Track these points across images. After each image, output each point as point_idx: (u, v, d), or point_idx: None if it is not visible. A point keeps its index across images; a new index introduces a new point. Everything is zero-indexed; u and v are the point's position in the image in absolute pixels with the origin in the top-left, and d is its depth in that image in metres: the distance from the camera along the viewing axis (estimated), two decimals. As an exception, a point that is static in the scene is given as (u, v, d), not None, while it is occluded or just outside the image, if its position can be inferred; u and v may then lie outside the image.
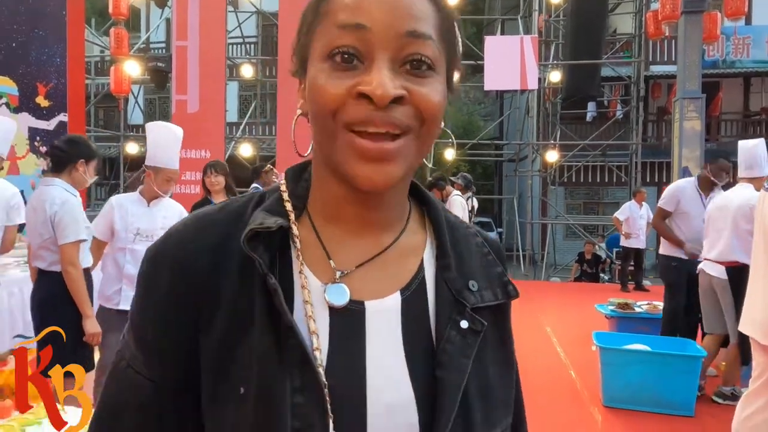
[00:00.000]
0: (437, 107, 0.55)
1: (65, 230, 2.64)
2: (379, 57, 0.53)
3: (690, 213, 4.36)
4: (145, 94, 17.40)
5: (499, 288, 0.66)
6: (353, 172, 0.54)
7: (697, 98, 9.52)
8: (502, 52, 10.30)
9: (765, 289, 2.34)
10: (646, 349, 3.80)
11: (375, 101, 0.51)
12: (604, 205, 16.27)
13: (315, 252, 0.60)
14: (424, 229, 0.67)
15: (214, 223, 0.60)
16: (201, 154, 10.29)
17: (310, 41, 0.57)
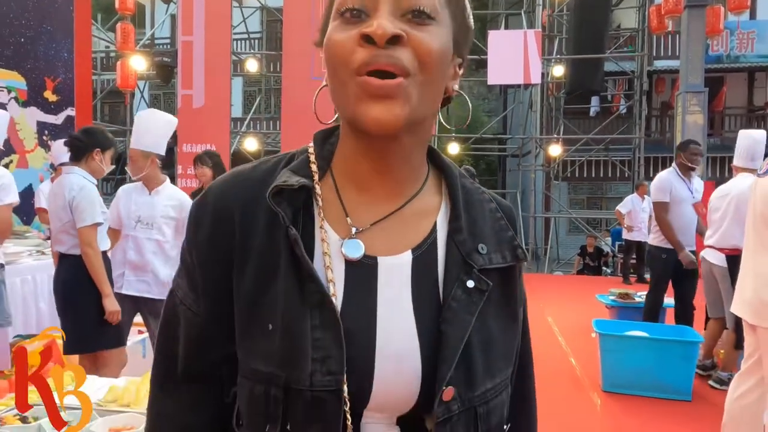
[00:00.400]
0: (436, 52, 0.60)
1: (83, 214, 2.75)
2: (382, 7, 0.58)
3: (680, 198, 4.46)
4: (150, 89, 17.51)
5: (509, 251, 0.70)
6: (363, 113, 0.58)
7: (699, 92, 9.55)
8: (506, 46, 10.34)
9: (755, 270, 2.42)
10: (645, 335, 3.87)
11: (375, 39, 0.57)
12: (607, 199, 16.30)
13: (336, 209, 0.66)
14: (440, 192, 0.71)
15: (247, 179, 0.67)
16: (206, 148, 10.37)
17: (330, 12, 0.64)
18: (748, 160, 3.89)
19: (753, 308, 2.40)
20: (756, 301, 2.38)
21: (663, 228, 4.45)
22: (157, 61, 10.87)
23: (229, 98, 10.65)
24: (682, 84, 9.87)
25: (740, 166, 3.98)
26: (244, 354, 0.64)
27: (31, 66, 7.36)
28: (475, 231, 0.68)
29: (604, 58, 11.51)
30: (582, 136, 13.03)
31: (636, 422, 3.48)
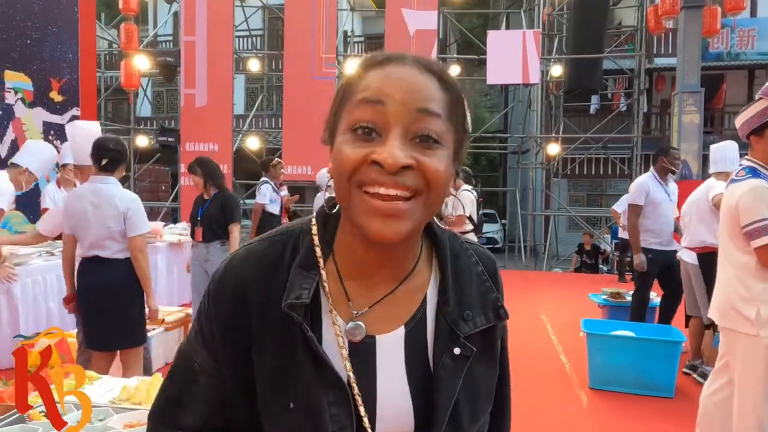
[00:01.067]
0: (443, 175, 0.65)
1: (137, 224, 3.02)
2: (393, 129, 0.63)
3: (658, 201, 4.68)
4: (153, 87, 17.65)
5: (492, 312, 0.77)
6: (366, 226, 0.64)
7: (696, 92, 9.65)
8: (505, 46, 10.44)
9: (720, 279, 2.57)
10: (630, 335, 4.02)
11: (385, 168, 0.61)
12: (607, 197, 16.40)
13: (340, 294, 0.73)
14: (431, 264, 0.78)
15: (261, 262, 0.73)
16: (209, 147, 10.53)
17: (339, 116, 0.69)
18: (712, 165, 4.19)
19: (720, 311, 2.55)
20: (722, 305, 2.53)
21: (631, 229, 4.73)
22: (161, 60, 10.99)
23: (232, 97, 10.78)
24: (678, 84, 9.96)
25: (716, 171, 4.21)
26: (269, 425, 0.72)
27: (37, 67, 7.49)
28: (462, 299, 0.75)
29: (602, 57, 11.58)
30: (581, 135, 13.12)
31: (620, 418, 3.63)
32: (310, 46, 10.55)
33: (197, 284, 4.51)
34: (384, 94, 0.64)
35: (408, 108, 0.63)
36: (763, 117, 2.42)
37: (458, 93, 0.69)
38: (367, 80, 0.66)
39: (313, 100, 10.42)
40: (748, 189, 2.38)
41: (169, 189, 14.97)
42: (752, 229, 2.34)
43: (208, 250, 4.43)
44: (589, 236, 11.02)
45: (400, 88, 0.64)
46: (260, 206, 6.13)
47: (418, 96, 0.64)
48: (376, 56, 0.69)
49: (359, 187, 0.64)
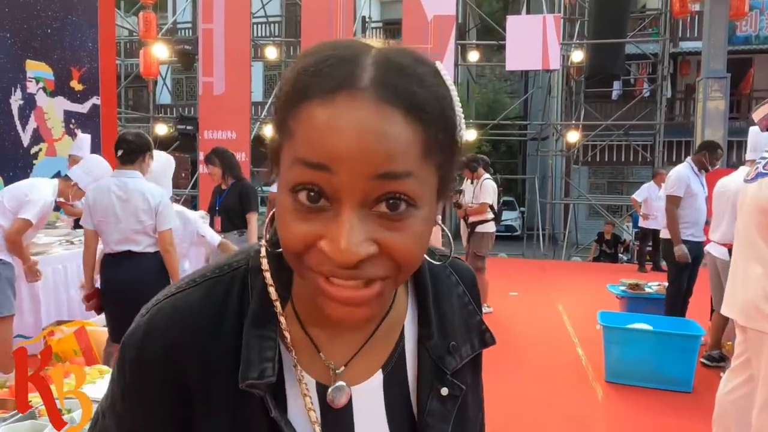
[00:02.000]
0: (417, 251, 0.50)
1: (167, 218, 3.07)
2: (345, 204, 0.47)
3: (695, 193, 4.65)
4: (172, 74, 17.76)
5: (477, 337, 0.68)
6: (326, 311, 0.51)
7: (722, 78, 9.40)
8: (525, 31, 10.27)
9: (744, 274, 2.50)
10: (647, 328, 3.96)
11: (339, 265, 0.47)
12: (628, 184, 16.15)
13: (304, 346, 0.59)
14: (406, 292, 0.65)
15: (193, 315, 0.57)
16: (227, 134, 10.58)
17: (280, 148, 0.51)
18: (748, 152, 3.97)
19: (743, 311, 2.48)
20: (745, 305, 2.46)
21: (670, 220, 4.64)
22: (179, 49, 11.04)
23: (249, 85, 10.80)
24: (703, 69, 9.72)
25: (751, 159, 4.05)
26: None
27: (58, 56, 7.57)
28: (445, 328, 0.64)
29: (624, 42, 11.33)
30: (601, 121, 12.90)
31: (636, 413, 3.60)
32: (328, 32, 10.49)
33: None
34: (329, 156, 0.45)
35: (364, 175, 0.46)
36: None
37: (443, 114, 0.49)
38: (307, 122, 0.47)
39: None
40: None
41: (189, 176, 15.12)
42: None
43: (229, 240, 4.47)
44: (610, 225, 10.88)
45: (350, 145, 0.45)
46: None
47: (378, 154, 0.45)
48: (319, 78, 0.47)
49: (318, 275, 0.49)
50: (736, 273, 2.58)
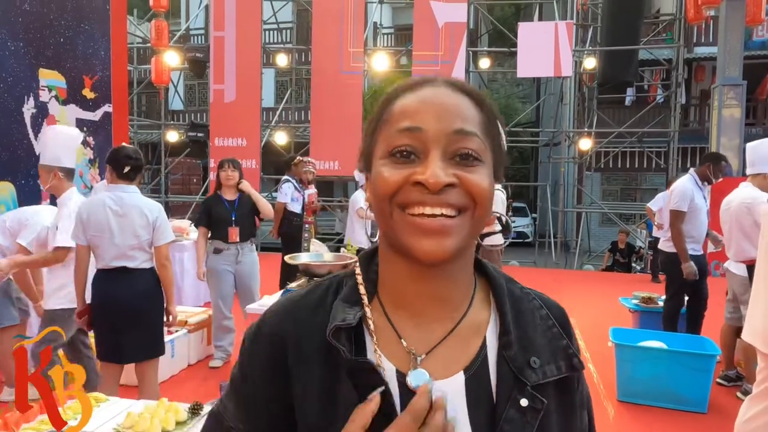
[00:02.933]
0: (486, 190, 0.63)
1: (165, 233, 3.06)
2: (432, 151, 0.61)
3: (699, 208, 4.54)
4: (185, 80, 17.87)
5: (563, 361, 0.68)
6: (412, 245, 0.61)
7: (737, 85, 9.26)
8: (536, 38, 10.18)
9: (765, 301, 2.41)
10: (661, 346, 3.87)
11: (428, 187, 0.60)
12: (641, 191, 15.97)
13: (387, 334, 0.67)
14: (488, 305, 0.71)
15: (299, 307, 0.70)
16: (237, 142, 10.61)
17: (375, 142, 0.67)
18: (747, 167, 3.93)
19: (764, 337, 2.40)
20: (766, 331, 2.38)
21: (675, 235, 4.49)
22: (190, 56, 11.09)
23: (260, 93, 10.82)
24: (718, 76, 9.58)
25: (753, 173, 4.00)
26: None
27: (70, 65, 7.62)
28: (526, 344, 0.67)
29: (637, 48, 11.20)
30: (614, 128, 12.76)
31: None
32: (338, 40, 10.48)
33: (226, 288, 4.45)
34: (419, 119, 0.63)
35: (445, 130, 0.62)
36: None
37: (492, 112, 0.68)
38: (400, 107, 0.65)
39: (340, 95, 10.38)
40: None
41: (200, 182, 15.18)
42: None
43: (242, 250, 4.45)
44: (624, 234, 10.72)
45: (434, 111, 0.63)
46: (281, 205, 6.12)
47: (453, 117, 0.63)
48: (406, 82, 0.69)
49: (402, 208, 0.62)
50: (757, 298, 2.50)
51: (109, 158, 3.04)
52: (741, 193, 4.02)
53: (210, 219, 4.45)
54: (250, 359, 0.70)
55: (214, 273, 4.43)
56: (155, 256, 3.06)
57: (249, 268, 4.49)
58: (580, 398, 0.72)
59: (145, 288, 2.99)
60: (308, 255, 3.59)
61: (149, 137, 17.05)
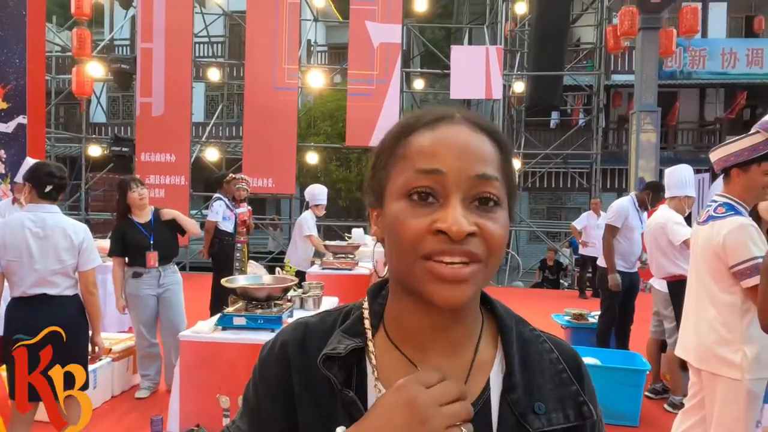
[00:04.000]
0: (503, 240, 0.62)
1: (90, 256, 2.83)
2: (453, 196, 0.60)
3: (633, 227, 4.83)
4: (108, 92, 17.07)
5: (572, 409, 0.66)
6: (431, 292, 0.60)
7: (653, 111, 9.90)
8: (468, 61, 10.49)
9: (696, 316, 2.52)
10: (595, 363, 3.99)
11: (452, 236, 0.58)
12: (566, 210, 16.69)
13: (392, 367, 0.66)
14: (495, 344, 0.70)
15: (312, 334, 0.70)
16: (166, 157, 10.20)
17: (387, 177, 0.65)
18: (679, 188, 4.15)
19: (697, 354, 2.50)
20: (699, 348, 2.48)
21: (606, 249, 4.81)
22: (115, 67, 10.59)
23: (190, 107, 10.48)
24: (636, 103, 10.20)
25: (670, 196, 4.25)
26: None
27: (-20, 73, 7.11)
28: (532, 388, 0.66)
29: (562, 74, 11.77)
30: (541, 149, 13.31)
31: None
32: (273, 55, 10.35)
33: (148, 312, 4.12)
34: (440, 162, 0.61)
35: (466, 174, 0.61)
36: (755, 152, 2.34)
37: (509, 151, 0.67)
38: (418, 144, 0.63)
39: (274, 111, 10.22)
40: (734, 227, 2.30)
41: (123, 198, 14.45)
42: (743, 268, 2.26)
43: (164, 272, 4.15)
44: (553, 252, 11.14)
45: (456, 153, 0.61)
46: (212, 224, 5.89)
47: (475, 160, 0.62)
48: (422, 116, 0.66)
49: (424, 258, 0.60)
50: (688, 315, 2.60)
51: (30, 176, 2.78)
52: (659, 214, 4.26)
53: (125, 246, 4.06)
54: (260, 377, 0.71)
55: (135, 299, 4.08)
56: (81, 283, 2.82)
57: (173, 290, 4.18)
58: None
59: (68, 317, 2.73)
60: (246, 278, 3.43)
61: (68, 151, 16.10)
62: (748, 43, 15.61)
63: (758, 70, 15.30)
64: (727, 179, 2.48)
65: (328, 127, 13.08)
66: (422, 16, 13.60)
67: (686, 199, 4.13)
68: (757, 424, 2.50)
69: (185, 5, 10.29)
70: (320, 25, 16.38)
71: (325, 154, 12.44)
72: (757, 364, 2.29)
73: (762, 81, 15.30)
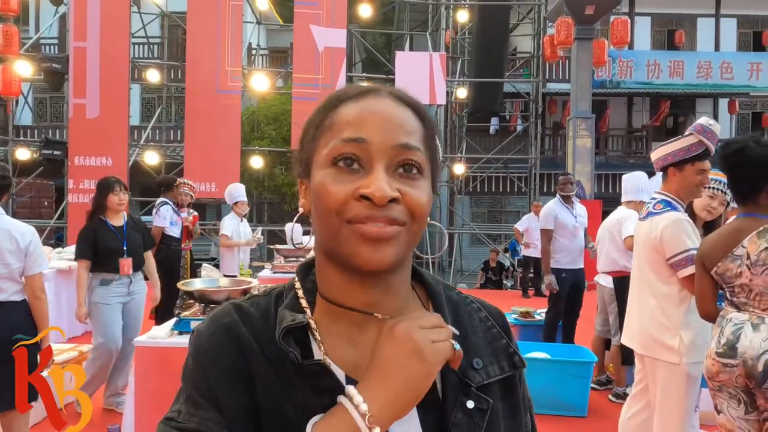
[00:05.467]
0: (425, 206, 0.64)
1: (38, 260, 2.71)
2: (377, 164, 0.62)
3: (566, 223, 5.06)
4: (35, 93, 16.18)
5: (506, 360, 0.70)
6: (354, 253, 0.61)
7: (588, 117, 10.38)
8: (412, 67, 10.65)
9: (639, 306, 2.70)
10: (545, 356, 4.14)
11: (375, 201, 0.60)
12: (506, 213, 17.19)
13: (331, 342, 0.66)
14: (427, 309, 0.72)
15: (251, 314, 0.68)
16: (102, 161, 9.79)
17: (315, 148, 0.66)
18: (635, 193, 4.36)
19: (639, 340, 2.67)
20: (641, 334, 2.64)
21: (542, 252, 5.10)
22: (46, 66, 10.06)
23: (128, 108, 10.10)
24: (572, 110, 10.66)
25: (626, 200, 4.45)
26: None
27: None
28: (467, 346, 0.68)
29: (502, 81, 12.14)
30: (483, 154, 13.66)
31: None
32: (215, 58, 10.14)
33: (113, 323, 3.86)
34: (364, 131, 0.63)
35: (390, 143, 0.63)
36: (689, 152, 2.54)
37: (432, 125, 0.69)
38: (345, 115, 0.65)
39: (217, 114, 10.00)
40: (670, 222, 2.49)
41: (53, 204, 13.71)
42: (678, 260, 2.44)
43: (134, 280, 3.97)
44: (495, 253, 11.43)
45: (380, 123, 0.63)
46: (159, 230, 5.68)
47: (399, 131, 0.64)
48: (349, 90, 0.68)
49: (349, 222, 0.61)
50: (632, 305, 2.77)
51: None
52: (617, 212, 4.48)
53: (96, 250, 3.80)
54: (210, 361, 0.65)
55: (103, 308, 3.82)
56: (27, 287, 2.69)
57: (140, 299, 4.03)
58: (524, 398, 0.75)
59: (15, 324, 2.60)
60: (202, 281, 3.35)
61: (-10, 155, 15.12)
62: (670, 55, 16.65)
63: (679, 80, 16.34)
64: (665, 177, 2.67)
65: (273, 131, 12.91)
66: (364, 22, 13.69)
67: (641, 204, 4.28)
68: (696, 407, 2.69)
69: (121, 3, 9.92)
70: (261, 29, 16.18)
71: (270, 158, 12.26)
72: (693, 348, 2.47)
73: (682, 91, 16.35)
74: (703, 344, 2.44)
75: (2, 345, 2.52)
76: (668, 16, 17.59)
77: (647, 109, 17.58)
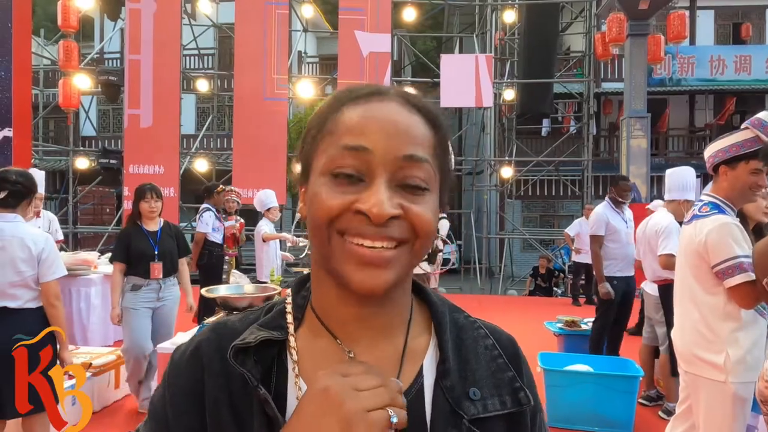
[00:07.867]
0: (430, 223, 0.58)
1: (52, 266, 2.73)
2: (378, 177, 0.56)
3: (617, 230, 4.78)
4: (98, 105, 16.99)
5: (509, 395, 0.63)
6: (348, 276, 0.56)
7: (643, 117, 9.90)
8: (458, 70, 10.48)
9: (682, 318, 2.46)
10: (587, 370, 3.91)
11: (372, 219, 0.55)
12: (559, 217, 16.66)
13: (314, 361, 0.61)
14: (428, 331, 0.67)
15: (228, 332, 0.64)
16: (154, 169, 10.12)
17: (314, 152, 0.61)
18: (680, 191, 4.06)
19: (682, 355, 2.44)
20: (684, 350, 2.42)
21: (593, 258, 4.78)
22: (103, 79, 10.52)
23: (179, 118, 10.41)
24: (626, 109, 10.20)
25: (669, 199, 4.16)
26: None
27: (-35, 85, 7.04)
28: (466, 374, 0.63)
29: (552, 82, 11.78)
30: (533, 157, 13.30)
31: (579, 459, 3.50)
32: (262, 66, 10.31)
33: (138, 329, 3.90)
34: (367, 139, 0.57)
35: (394, 154, 0.57)
36: (742, 148, 2.29)
37: (445, 132, 0.63)
38: (346, 120, 0.59)
39: (264, 121, 10.16)
40: (716, 225, 2.24)
41: (113, 211, 14.34)
42: (724, 267, 2.19)
43: (164, 285, 4.01)
44: (545, 259, 11.07)
45: (384, 131, 0.57)
46: (202, 236, 5.77)
47: (404, 140, 0.58)
48: (354, 91, 0.62)
49: (340, 234, 0.57)
50: (676, 317, 2.54)
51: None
52: (654, 217, 4.19)
53: (129, 253, 3.89)
54: (169, 383, 0.64)
55: (131, 313, 3.90)
56: (42, 294, 2.71)
57: (171, 305, 4.05)
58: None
59: (31, 331, 2.60)
60: (226, 287, 3.35)
61: (57, 164, 15.98)
62: (736, 50, 15.72)
63: (746, 76, 15.39)
64: (716, 177, 2.43)
65: (319, 137, 13.04)
66: (412, 27, 13.62)
67: (685, 203, 3.99)
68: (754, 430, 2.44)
69: (173, 17, 10.26)
70: (311, 37, 16.40)
71: (316, 164, 12.39)
72: (743, 366, 2.22)
73: (750, 87, 15.39)
74: (755, 363, 2.20)
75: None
76: (733, 9, 16.64)
77: (711, 107, 16.66)
